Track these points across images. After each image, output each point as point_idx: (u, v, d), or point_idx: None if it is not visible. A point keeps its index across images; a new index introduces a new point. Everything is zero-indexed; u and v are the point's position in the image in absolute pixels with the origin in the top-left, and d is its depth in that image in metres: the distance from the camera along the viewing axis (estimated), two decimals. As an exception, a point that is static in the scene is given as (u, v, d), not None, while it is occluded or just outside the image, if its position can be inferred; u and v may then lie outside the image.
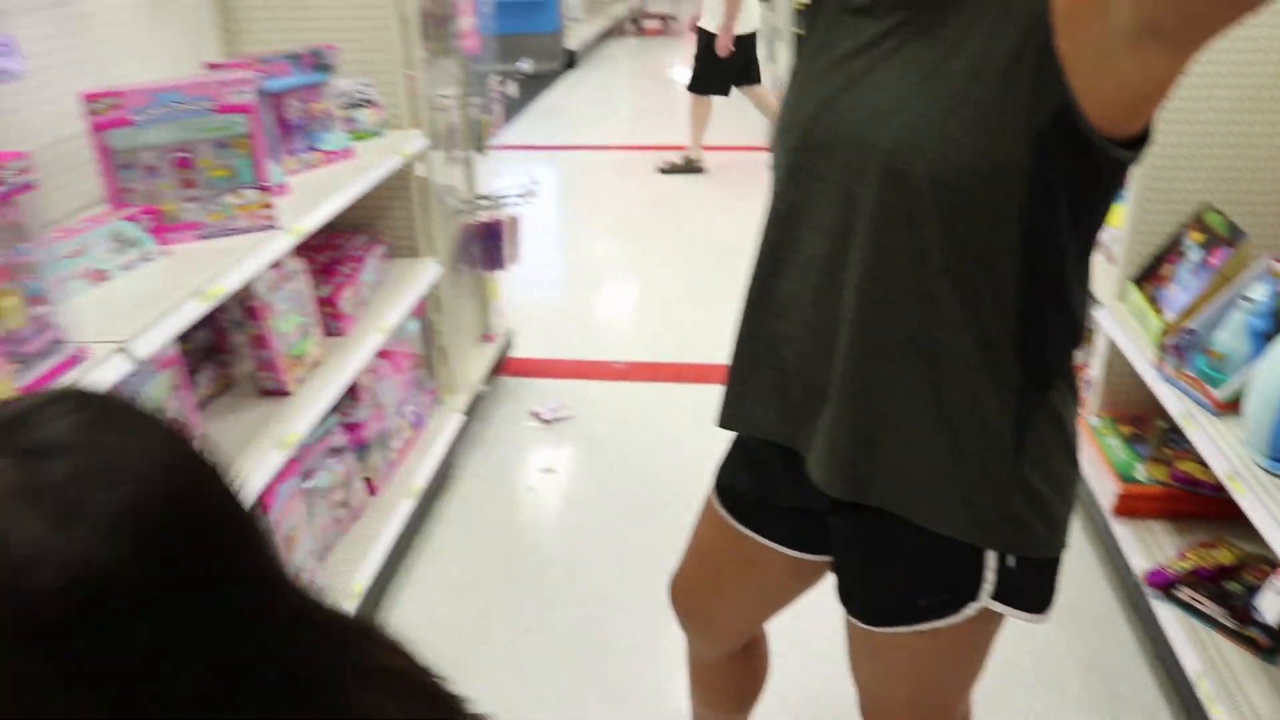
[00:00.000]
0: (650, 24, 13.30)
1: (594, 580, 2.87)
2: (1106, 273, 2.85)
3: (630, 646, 2.60)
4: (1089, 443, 2.87)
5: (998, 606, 1.31)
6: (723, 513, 1.55)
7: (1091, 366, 3.07)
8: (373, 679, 0.79)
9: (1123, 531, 2.65)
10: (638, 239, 5.81)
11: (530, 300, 4.72)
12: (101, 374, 1.60)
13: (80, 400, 0.67)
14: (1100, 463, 2.80)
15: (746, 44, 6.41)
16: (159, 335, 1.74)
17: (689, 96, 6.58)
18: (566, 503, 3.29)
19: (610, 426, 3.70)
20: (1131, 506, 2.69)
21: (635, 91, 6.69)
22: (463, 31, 3.01)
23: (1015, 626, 1.36)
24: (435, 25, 3.00)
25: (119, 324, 1.72)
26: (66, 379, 1.54)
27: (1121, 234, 2.77)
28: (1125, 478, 2.70)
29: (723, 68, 6.32)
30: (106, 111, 2.05)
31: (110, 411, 0.67)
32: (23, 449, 0.61)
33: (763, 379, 1.38)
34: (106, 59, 2.43)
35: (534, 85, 9.33)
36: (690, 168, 6.69)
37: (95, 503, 0.60)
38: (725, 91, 6.44)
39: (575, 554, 3.01)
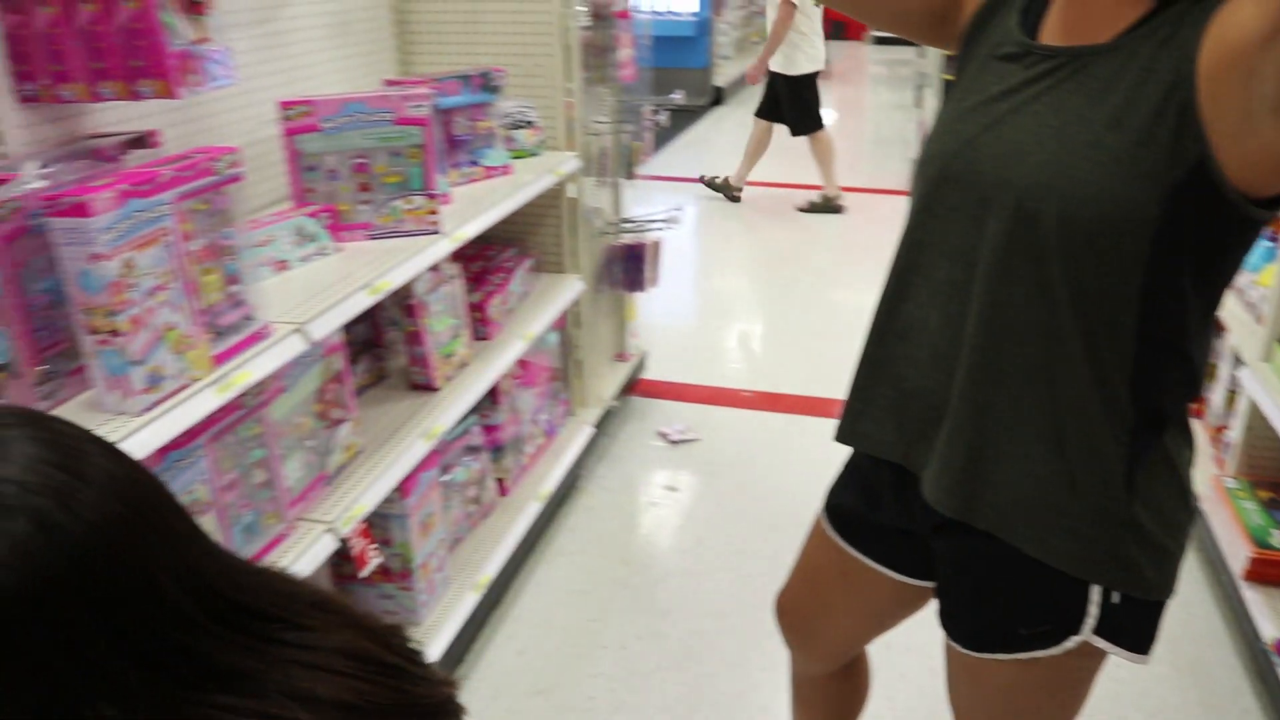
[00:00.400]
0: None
1: (707, 596, 2.95)
2: (1253, 333, 2.80)
3: (737, 663, 2.67)
4: (1223, 504, 2.82)
5: (1099, 642, 1.32)
6: (830, 531, 1.60)
7: (1231, 428, 3.01)
8: (307, 662, 0.78)
9: (1253, 597, 2.59)
10: (772, 273, 5.89)
11: (665, 324, 4.84)
12: (280, 350, 1.76)
13: (20, 422, 0.69)
14: (1234, 525, 2.74)
15: (813, 83, 6.63)
16: (330, 321, 1.91)
17: (806, 142, 6.77)
18: (686, 520, 3.38)
19: (734, 451, 3.78)
20: (1264, 572, 2.63)
21: (778, 130, 6.78)
22: (621, 62, 3.16)
23: (1133, 681, 1.35)
24: (595, 55, 3.16)
25: (297, 308, 1.89)
26: (253, 351, 1.71)
27: (1271, 293, 2.72)
28: (1260, 543, 2.65)
29: (807, 102, 6.59)
30: (298, 118, 2.26)
31: (46, 441, 0.68)
32: None
33: (882, 398, 1.44)
34: (300, 71, 2.65)
35: (681, 119, 9.53)
36: (829, 207, 6.76)
37: (2, 531, 0.63)
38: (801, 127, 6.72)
39: (691, 569, 3.09)
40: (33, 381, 1.48)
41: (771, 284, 5.74)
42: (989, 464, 1.31)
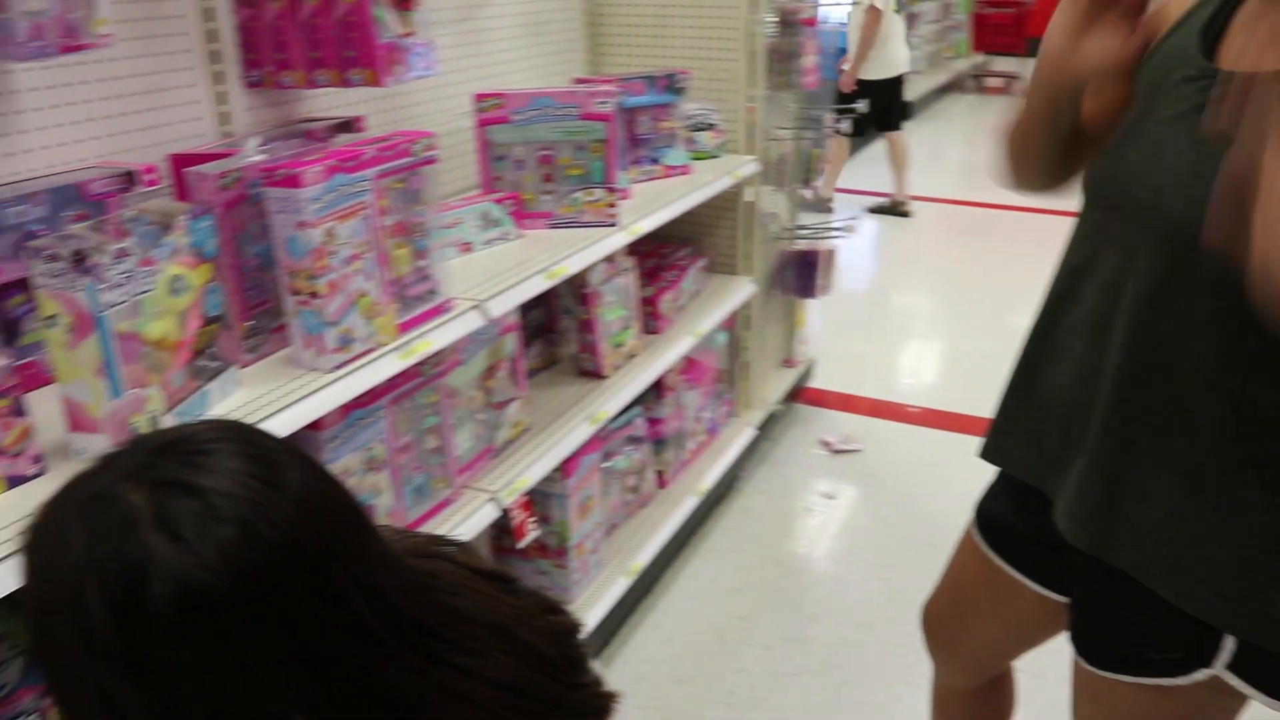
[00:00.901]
0: (992, 82, 13.03)
1: (856, 605, 2.94)
2: None
3: (879, 673, 2.65)
4: None
5: (1234, 680, 1.24)
6: (979, 540, 1.59)
7: None
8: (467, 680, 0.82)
9: None
10: (950, 291, 5.77)
11: (835, 334, 4.82)
12: (460, 324, 1.88)
13: (224, 435, 0.75)
14: None
15: (893, 88, 6.64)
16: (508, 300, 2.01)
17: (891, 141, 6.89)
18: (841, 529, 3.37)
19: (896, 465, 3.74)
20: None
21: (967, 148, 6.62)
22: (805, 68, 3.19)
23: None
24: (780, 60, 3.19)
25: (478, 287, 2.01)
26: (435, 323, 1.82)
27: None
28: None
29: (887, 104, 6.63)
30: (491, 110, 2.38)
31: (248, 448, 0.74)
32: (162, 480, 0.71)
33: (1026, 419, 1.42)
34: (495, 67, 2.80)
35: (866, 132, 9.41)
36: (895, 211, 6.96)
37: (209, 535, 0.69)
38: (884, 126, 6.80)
39: (842, 578, 3.08)
40: (240, 335, 1.63)
41: (948, 302, 5.63)
42: (1127, 501, 1.27)
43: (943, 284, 5.92)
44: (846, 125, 3.51)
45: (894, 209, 6.94)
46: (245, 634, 0.70)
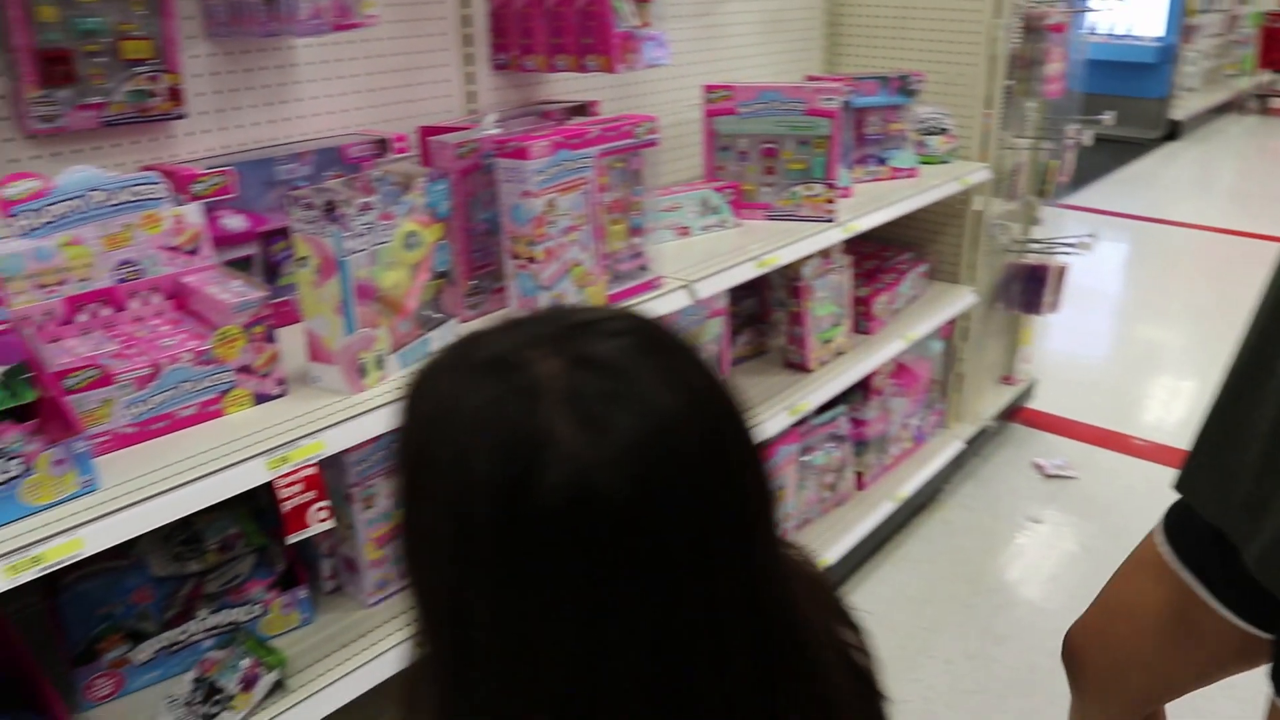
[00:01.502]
0: (1278, 103, 12.04)
1: (1049, 633, 2.80)
2: None
3: (1064, 706, 2.55)
4: None
5: None
6: (1168, 555, 1.49)
7: None
8: (833, 651, 0.80)
9: None
10: (1203, 325, 5.41)
11: (1063, 356, 4.63)
12: (667, 301, 1.96)
13: (638, 326, 0.71)
14: None
15: None
16: (716, 283, 2.09)
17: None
18: (1045, 555, 3.25)
19: (1111, 496, 3.57)
20: None
21: (1243, 174, 6.16)
22: (1048, 76, 3.09)
23: None
24: (1021, 66, 3.11)
25: (690, 269, 2.09)
26: (643, 297, 1.92)
27: None
28: None
29: None
30: (719, 101, 2.46)
31: (660, 344, 0.70)
32: (577, 356, 0.67)
33: (1219, 463, 1.36)
34: (729, 62, 2.88)
35: (1123, 151, 8.93)
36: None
37: (619, 425, 0.64)
38: None
39: (1037, 603, 2.98)
40: (463, 291, 1.78)
41: (1200, 336, 5.28)
42: None
43: (1196, 316, 5.55)
44: (1088, 137, 3.37)
45: None
46: (623, 542, 0.65)
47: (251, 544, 1.65)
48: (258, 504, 1.71)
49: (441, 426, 0.68)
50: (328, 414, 1.46)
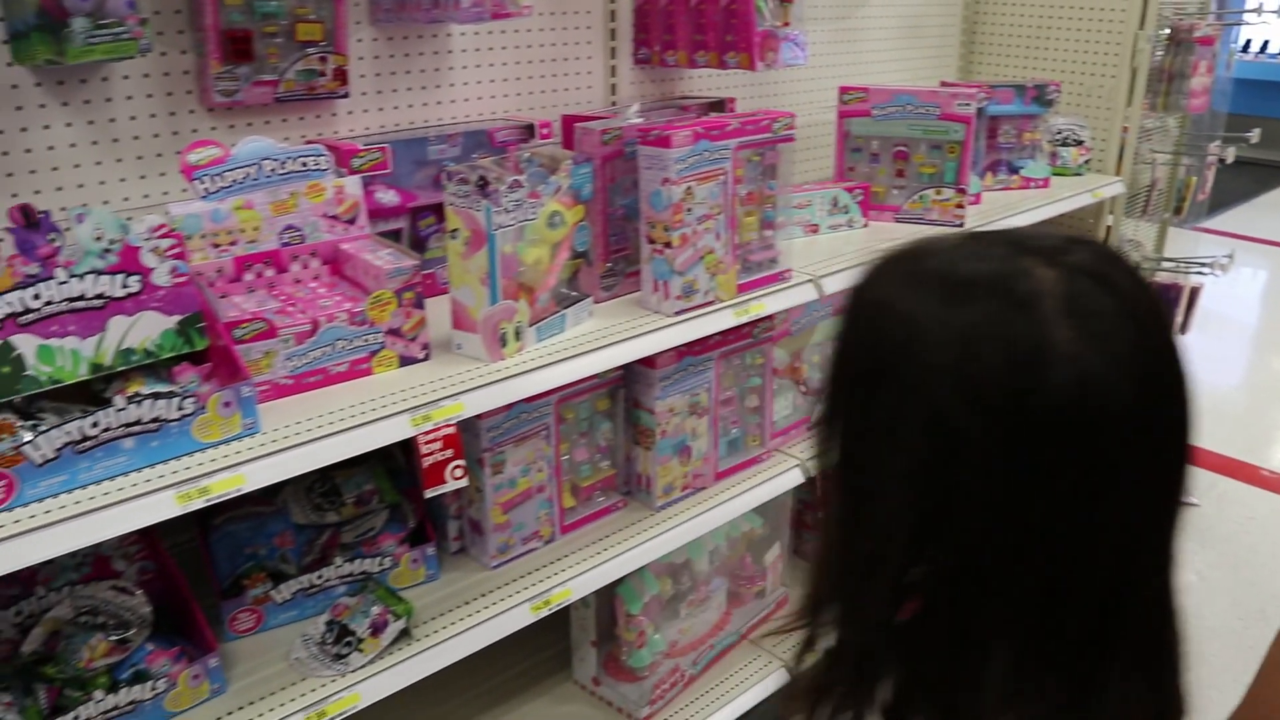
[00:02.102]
0: None
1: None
2: None
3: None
4: None
5: None
6: None
7: None
8: None
9: None
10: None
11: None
12: (794, 294, 2.00)
13: (1098, 245, 0.76)
14: None
15: None
16: (842, 280, 2.11)
17: None
18: (1162, 579, 3.17)
19: (1233, 527, 3.46)
20: None
21: None
22: (1192, 90, 3.03)
23: None
24: (1163, 80, 3.06)
25: (817, 264, 2.12)
26: (771, 289, 1.96)
27: None
28: None
29: None
30: (853, 103, 2.49)
31: (1123, 262, 0.75)
32: (1070, 266, 0.70)
33: None
34: (865, 66, 2.90)
35: (1266, 175, 8.58)
36: None
37: (1121, 336, 0.68)
38: None
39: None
40: (599, 273, 1.85)
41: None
42: None
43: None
44: (1230, 153, 3.28)
45: None
46: (1117, 447, 0.69)
47: (385, 501, 1.75)
48: (393, 464, 1.81)
49: (919, 347, 0.71)
50: (468, 379, 1.55)
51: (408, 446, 1.80)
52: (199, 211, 1.55)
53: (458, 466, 1.50)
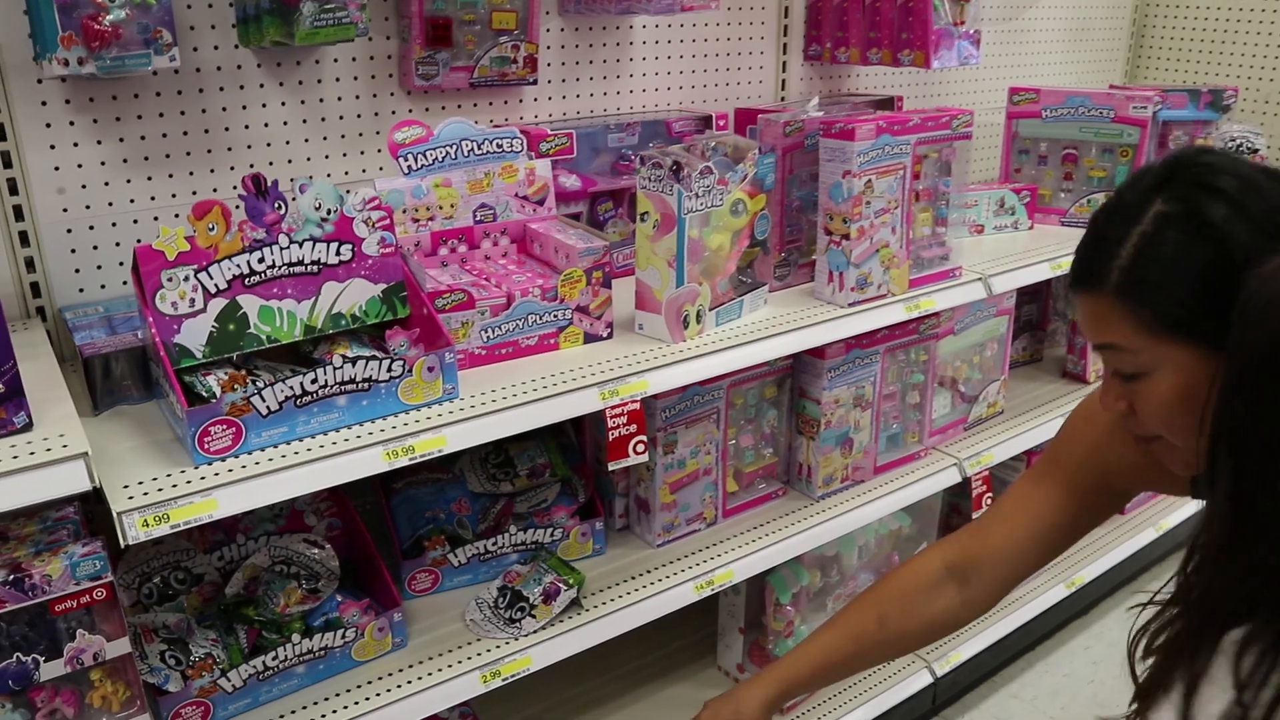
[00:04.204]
0: None
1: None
2: None
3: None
4: None
5: None
6: None
7: None
8: None
9: None
10: None
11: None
12: (963, 292, 1.99)
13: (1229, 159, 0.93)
14: None
15: None
16: (1012, 280, 2.10)
17: None
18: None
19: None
20: None
21: None
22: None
23: None
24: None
25: (984, 264, 2.11)
26: (941, 285, 1.96)
27: None
28: None
29: None
30: (1023, 104, 2.46)
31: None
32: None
33: None
34: (1028, 66, 2.86)
35: None
36: None
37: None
38: None
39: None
40: (775, 262, 1.87)
41: None
42: None
43: None
44: None
45: None
46: None
47: (557, 474, 1.80)
48: (563, 439, 1.86)
49: None
50: (650, 358, 1.59)
51: (578, 424, 1.87)
52: (401, 187, 1.63)
53: (640, 441, 1.54)
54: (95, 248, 1.64)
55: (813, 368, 1.90)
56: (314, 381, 1.33)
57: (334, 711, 1.45)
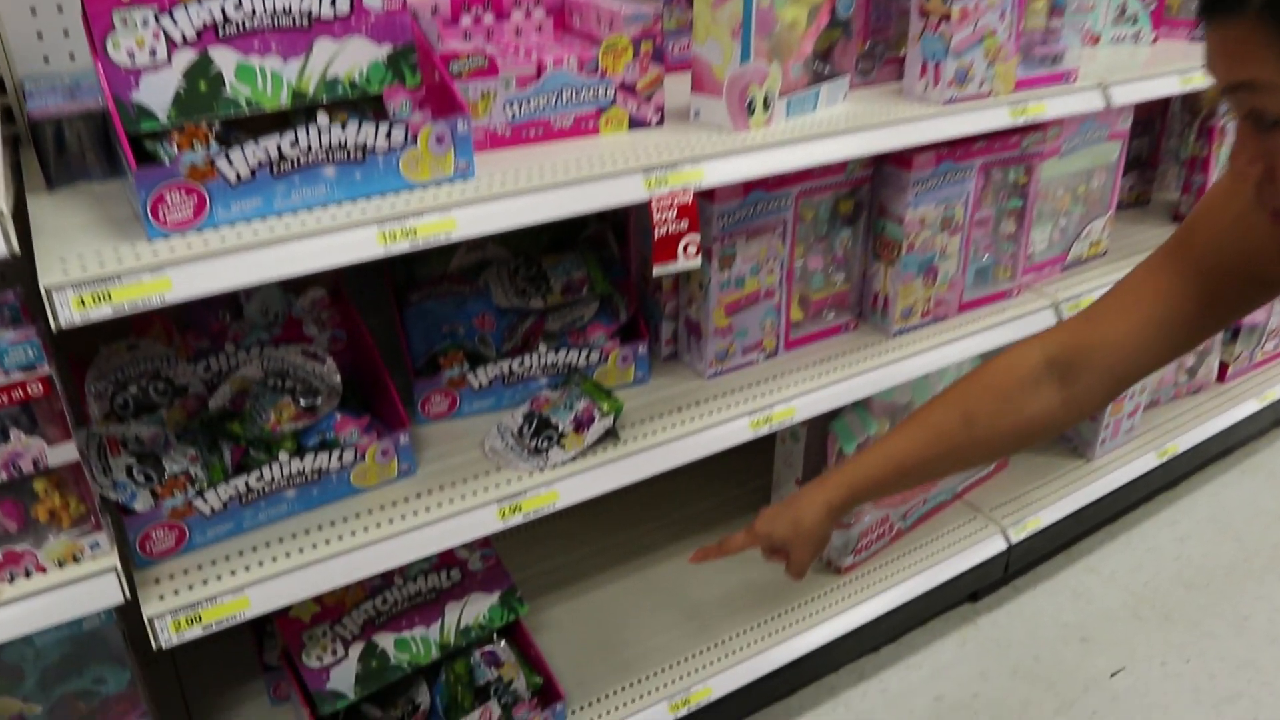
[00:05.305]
0: None
1: None
2: None
3: None
4: None
5: None
6: None
7: None
8: None
9: None
10: None
11: None
12: (1078, 100, 1.69)
13: None
14: None
15: None
16: (1133, 92, 1.79)
17: None
18: None
19: None
20: None
21: None
22: None
23: None
24: None
25: (1106, 72, 1.80)
26: (1054, 89, 1.66)
27: None
28: None
29: None
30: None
31: None
32: None
33: None
34: None
35: None
36: None
37: None
38: None
39: None
40: (857, 53, 1.58)
41: None
42: None
43: None
44: None
45: None
46: None
47: (596, 291, 1.57)
48: (605, 252, 1.62)
49: None
50: (709, 145, 1.32)
51: (621, 236, 1.62)
52: (416, -65, 1.36)
53: (692, 242, 1.29)
54: (60, 9, 1.39)
55: (896, 180, 1.63)
56: (294, 144, 1.09)
57: (327, 542, 1.26)
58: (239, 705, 1.67)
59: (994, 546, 2.09)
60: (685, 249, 1.29)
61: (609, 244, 1.62)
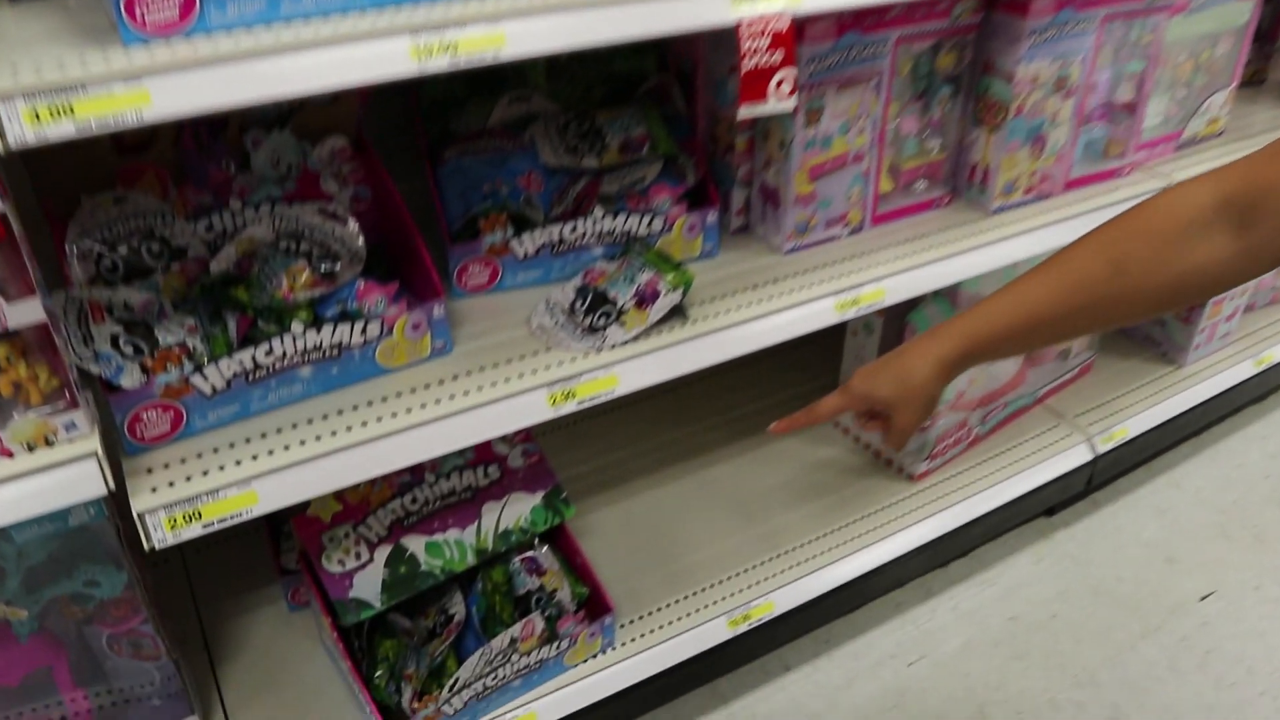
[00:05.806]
0: None
1: None
2: None
3: None
4: None
5: None
6: None
7: None
8: None
9: None
10: None
11: None
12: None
13: None
14: None
15: None
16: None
17: None
18: None
19: None
20: None
21: None
22: None
23: None
24: None
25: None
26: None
27: None
28: None
29: None
30: None
31: None
32: None
33: None
34: None
35: None
36: None
37: None
38: None
39: None
40: None
41: None
42: None
43: None
44: None
45: None
46: None
47: (659, 151, 1.35)
48: (669, 109, 1.41)
49: None
50: (804, -34, 1.10)
51: (690, 90, 1.41)
52: None
53: (787, 78, 1.07)
54: None
55: (1009, 30, 1.40)
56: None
57: (348, 428, 1.07)
58: (254, 612, 1.51)
59: (1079, 457, 1.90)
60: (778, 87, 1.07)
61: (673, 98, 1.40)
